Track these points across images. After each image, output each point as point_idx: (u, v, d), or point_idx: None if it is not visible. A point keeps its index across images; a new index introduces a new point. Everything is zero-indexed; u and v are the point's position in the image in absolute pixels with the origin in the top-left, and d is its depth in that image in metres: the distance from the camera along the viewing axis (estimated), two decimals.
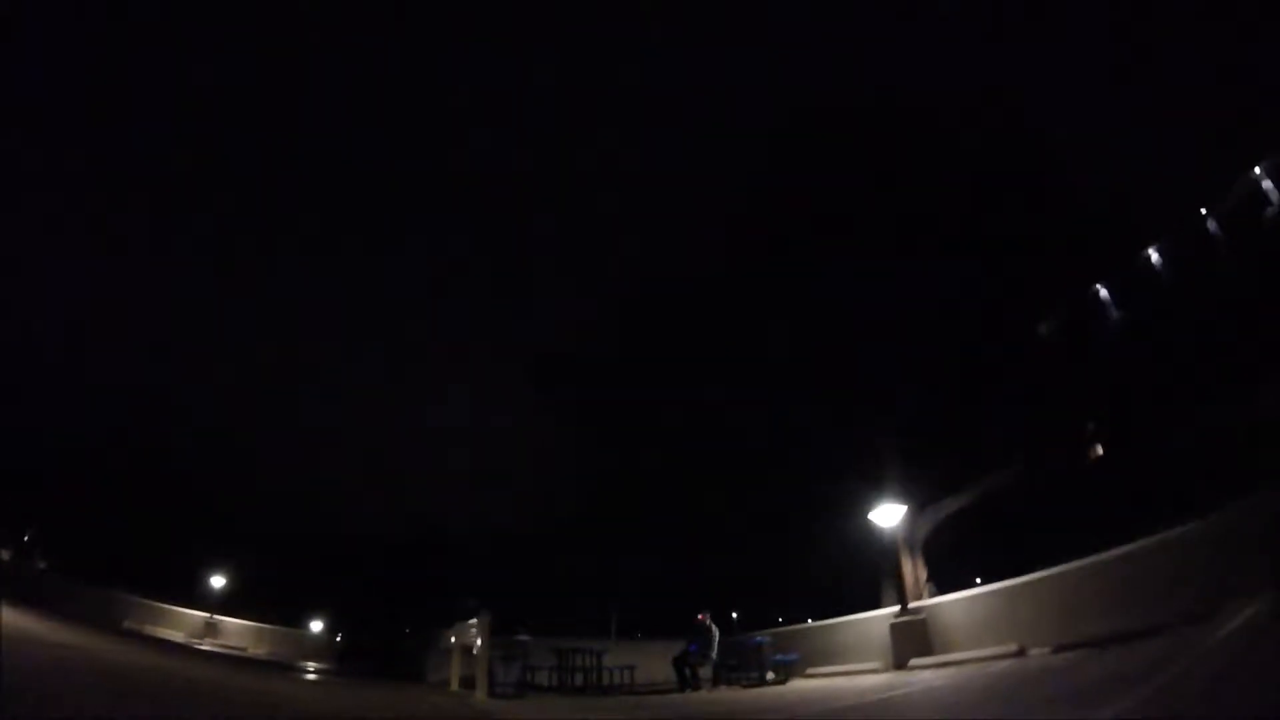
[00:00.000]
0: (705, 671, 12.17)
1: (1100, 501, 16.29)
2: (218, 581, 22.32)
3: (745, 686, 11.74)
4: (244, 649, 19.79)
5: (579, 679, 12.99)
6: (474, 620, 11.23)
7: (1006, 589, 9.47)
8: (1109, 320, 20.65)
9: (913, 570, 14.37)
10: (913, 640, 10.36)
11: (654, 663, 13.97)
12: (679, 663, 12.22)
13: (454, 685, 12.14)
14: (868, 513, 12.70)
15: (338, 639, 27.33)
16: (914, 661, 9.94)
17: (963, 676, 7.71)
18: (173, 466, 28.89)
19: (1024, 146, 17.43)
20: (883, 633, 11.02)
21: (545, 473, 30.69)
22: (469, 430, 35.17)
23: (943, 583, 14.34)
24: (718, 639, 12.60)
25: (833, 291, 17.49)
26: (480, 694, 10.19)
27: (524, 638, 12.29)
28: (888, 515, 12.35)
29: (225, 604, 21.92)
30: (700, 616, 12.84)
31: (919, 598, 13.39)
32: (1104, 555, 8.07)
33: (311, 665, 17.65)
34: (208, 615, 21.07)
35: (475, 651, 10.76)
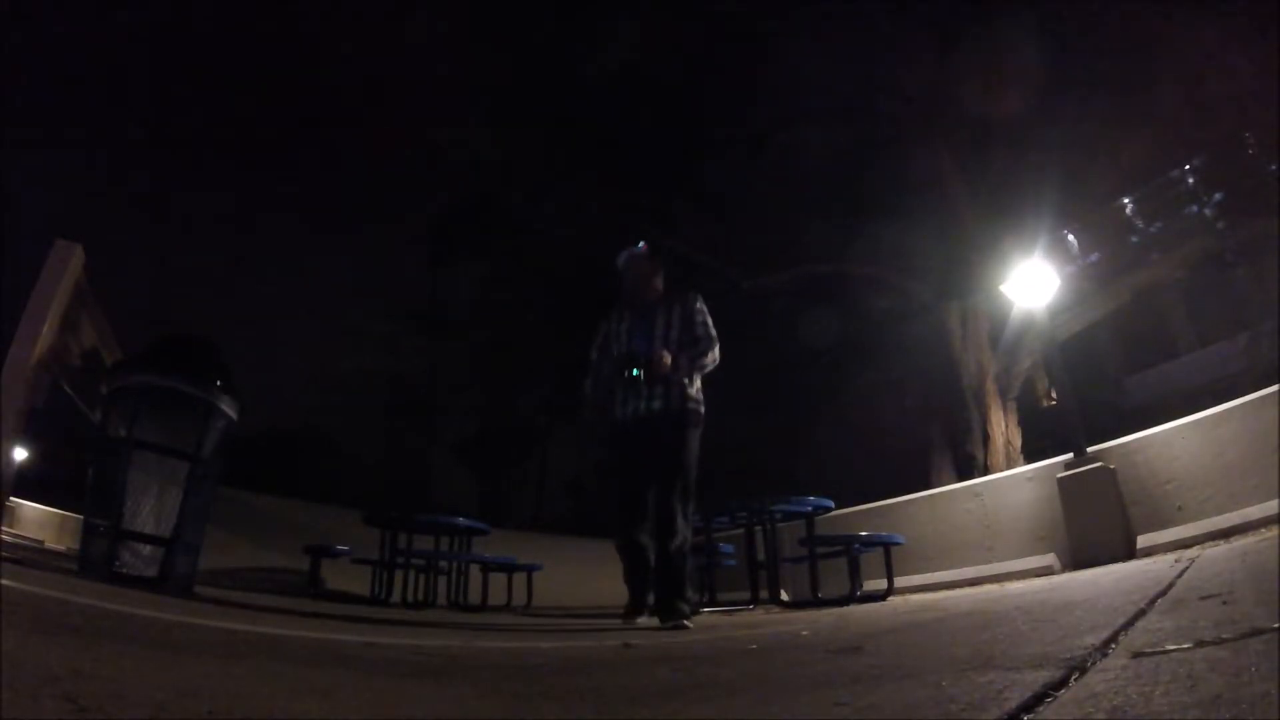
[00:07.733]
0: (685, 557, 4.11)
1: None
2: (19, 454, 16.51)
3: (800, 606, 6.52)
4: (42, 541, 14.47)
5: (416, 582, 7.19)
6: None
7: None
8: None
9: (1004, 428, 10.07)
10: (1100, 509, 6.07)
11: (585, 571, 9.26)
12: (627, 511, 4.14)
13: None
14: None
15: None
16: (1143, 541, 5.60)
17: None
18: None
19: None
20: (1030, 504, 6.73)
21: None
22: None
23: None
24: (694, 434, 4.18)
25: None
26: None
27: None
28: (1034, 287, 7.14)
29: (25, 484, 16.24)
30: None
31: (1005, 469, 9.30)
32: None
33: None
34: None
35: None
